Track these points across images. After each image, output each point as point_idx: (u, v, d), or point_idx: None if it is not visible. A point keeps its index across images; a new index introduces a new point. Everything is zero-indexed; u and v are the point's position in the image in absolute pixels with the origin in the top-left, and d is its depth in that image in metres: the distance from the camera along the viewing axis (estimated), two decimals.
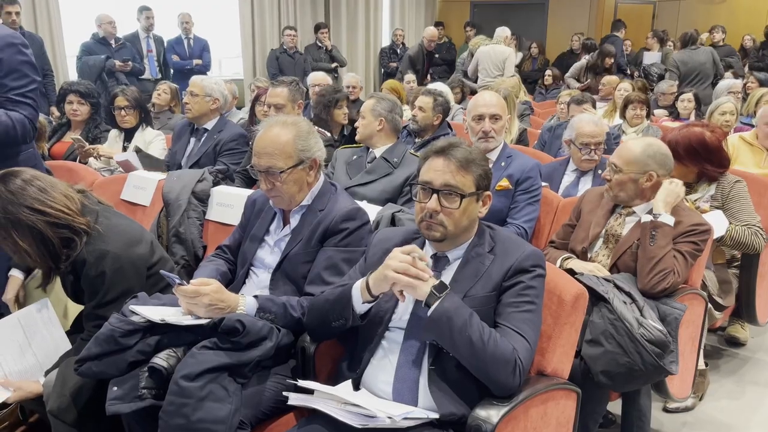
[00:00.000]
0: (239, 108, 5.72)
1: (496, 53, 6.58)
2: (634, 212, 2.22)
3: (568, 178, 3.17)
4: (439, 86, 4.71)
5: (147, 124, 3.82)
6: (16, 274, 2.13)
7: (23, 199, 1.82)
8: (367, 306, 1.63)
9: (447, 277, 1.63)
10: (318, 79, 5.07)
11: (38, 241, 1.85)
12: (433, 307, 1.47)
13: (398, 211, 2.20)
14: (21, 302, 2.10)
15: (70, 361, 1.81)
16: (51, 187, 1.89)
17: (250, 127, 3.97)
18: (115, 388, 1.67)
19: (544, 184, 2.82)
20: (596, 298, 1.92)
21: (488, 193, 1.67)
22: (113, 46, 6.10)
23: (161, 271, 1.79)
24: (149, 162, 3.35)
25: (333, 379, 1.73)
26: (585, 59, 7.67)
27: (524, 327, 1.53)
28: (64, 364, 1.85)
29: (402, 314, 1.63)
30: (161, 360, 1.66)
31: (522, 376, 1.50)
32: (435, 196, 1.58)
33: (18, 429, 1.98)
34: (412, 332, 1.59)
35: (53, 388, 1.77)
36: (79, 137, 3.60)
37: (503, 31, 7.03)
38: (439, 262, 1.66)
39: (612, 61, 7.29)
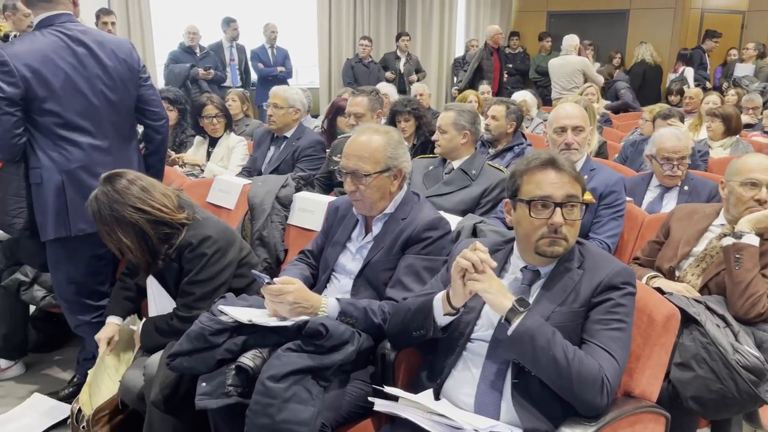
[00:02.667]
0: (314, 116, 5.86)
1: (567, 64, 6.43)
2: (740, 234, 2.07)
3: (651, 194, 3.06)
4: (523, 95, 4.66)
5: (230, 130, 3.96)
6: (114, 321, 2.25)
7: (127, 198, 1.97)
8: (449, 319, 1.62)
9: (535, 290, 1.61)
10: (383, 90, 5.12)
11: (139, 238, 2.00)
12: (514, 326, 1.44)
13: (480, 222, 2.18)
14: (113, 346, 2.22)
15: None
16: (151, 187, 2.04)
17: (326, 137, 4.05)
18: (204, 384, 1.74)
19: (628, 199, 2.74)
20: (687, 320, 1.84)
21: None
22: (198, 54, 6.38)
23: (252, 271, 1.86)
24: None
25: (412, 388, 1.72)
26: (682, 69, 7.37)
27: (613, 345, 1.48)
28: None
29: (485, 327, 1.62)
30: (248, 360, 1.71)
31: (610, 396, 1.45)
32: (558, 210, 1.55)
33: (117, 417, 2.09)
34: (497, 346, 1.57)
35: (155, 379, 1.86)
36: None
37: (571, 40, 6.75)
38: (530, 275, 1.63)
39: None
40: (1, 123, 2.16)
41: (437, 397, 1.62)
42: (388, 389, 1.52)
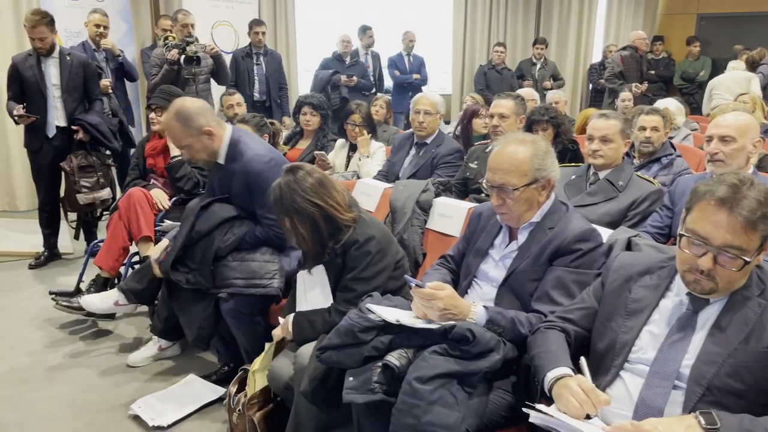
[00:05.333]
0: (446, 123, 5.90)
1: (736, 80, 6.02)
2: None
3: None
4: (666, 102, 4.40)
5: (373, 138, 4.09)
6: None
7: (305, 191, 2.13)
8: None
9: (704, 318, 1.49)
10: (526, 95, 5.02)
11: (313, 229, 2.15)
12: None
13: (635, 236, 2.08)
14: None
15: None
16: (327, 182, 2.20)
17: (461, 142, 4.05)
18: (351, 379, 1.80)
19: None
20: None
21: None
22: (347, 62, 6.65)
23: (405, 276, 1.91)
24: None
25: None
26: None
27: None
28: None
29: (645, 349, 1.53)
30: (394, 359, 1.75)
31: None
32: (710, 254, 1.41)
33: (268, 405, 2.23)
34: (659, 370, 1.48)
35: (305, 370, 1.97)
36: (323, 152, 3.97)
37: (738, 64, 6.55)
38: (698, 302, 1.51)
39: None
40: None
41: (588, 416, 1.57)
42: (541, 407, 1.47)
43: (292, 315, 2.25)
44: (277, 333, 2.31)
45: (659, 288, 1.58)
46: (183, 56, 4.84)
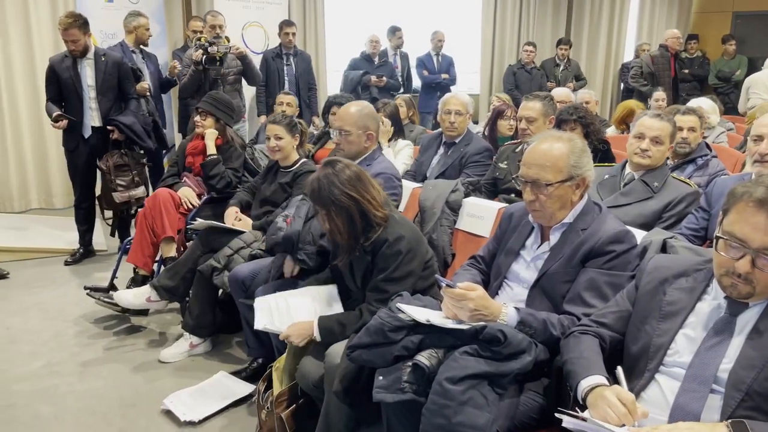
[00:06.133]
0: (474, 122, 5.86)
1: None
2: None
3: None
4: (699, 101, 4.31)
5: (399, 135, 4.09)
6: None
7: (343, 183, 2.16)
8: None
9: (743, 322, 1.46)
10: (562, 95, 4.97)
11: (348, 222, 2.17)
12: None
13: (671, 237, 2.04)
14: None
15: None
16: (364, 176, 2.22)
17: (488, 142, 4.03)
18: (381, 378, 1.80)
19: None
20: None
21: None
22: (376, 62, 6.67)
23: (436, 276, 1.90)
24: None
25: None
26: None
27: None
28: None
29: (681, 353, 1.50)
30: (424, 358, 1.74)
31: None
32: (748, 257, 1.38)
33: (295, 402, 2.25)
34: (696, 374, 1.45)
35: (336, 369, 1.98)
36: None
37: None
38: (736, 306, 1.47)
39: None
40: None
41: None
42: (573, 413, 1.45)
43: (317, 319, 2.24)
44: (292, 337, 2.24)
45: (695, 291, 1.55)
46: (205, 56, 4.92)
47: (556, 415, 1.43)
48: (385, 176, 2.78)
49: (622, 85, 9.06)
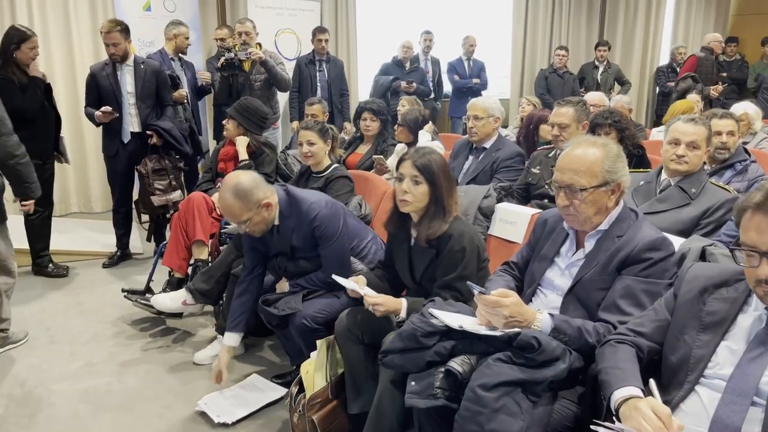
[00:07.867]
0: (504, 126, 5.83)
1: None
2: None
3: None
4: (744, 107, 4.21)
5: (414, 140, 4.13)
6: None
7: (441, 163, 2.31)
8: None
9: None
10: (596, 99, 4.91)
11: (431, 194, 2.27)
12: None
13: (710, 245, 2.00)
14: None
15: None
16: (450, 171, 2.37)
17: (525, 148, 4.01)
18: (413, 383, 1.80)
19: None
20: None
21: None
22: (407, 68, 6.69)
23: (468, 282, 1.89)
24: None
25: None
26: None
27: None
28: None
29: (722, 365, 1.47)
30: (457, 365, 1.74)
31: None
32: (764, 261, 1.38)
33: (327, 406, 2.27)
34: (736, 387, 1.42)
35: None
36: (382, 156, 4.01)
37: None
38: None
39: None
40: None
41: None
42: (608, 425, 1.43)
43: (405, 300, 2.25)
44: (383, 306, 2.20)
45: (737, 301, 1.51)
46: (224, 63, 5.05)
47: (592, 427, 1.42)
48: None
49: (657, 89, 8.90)
